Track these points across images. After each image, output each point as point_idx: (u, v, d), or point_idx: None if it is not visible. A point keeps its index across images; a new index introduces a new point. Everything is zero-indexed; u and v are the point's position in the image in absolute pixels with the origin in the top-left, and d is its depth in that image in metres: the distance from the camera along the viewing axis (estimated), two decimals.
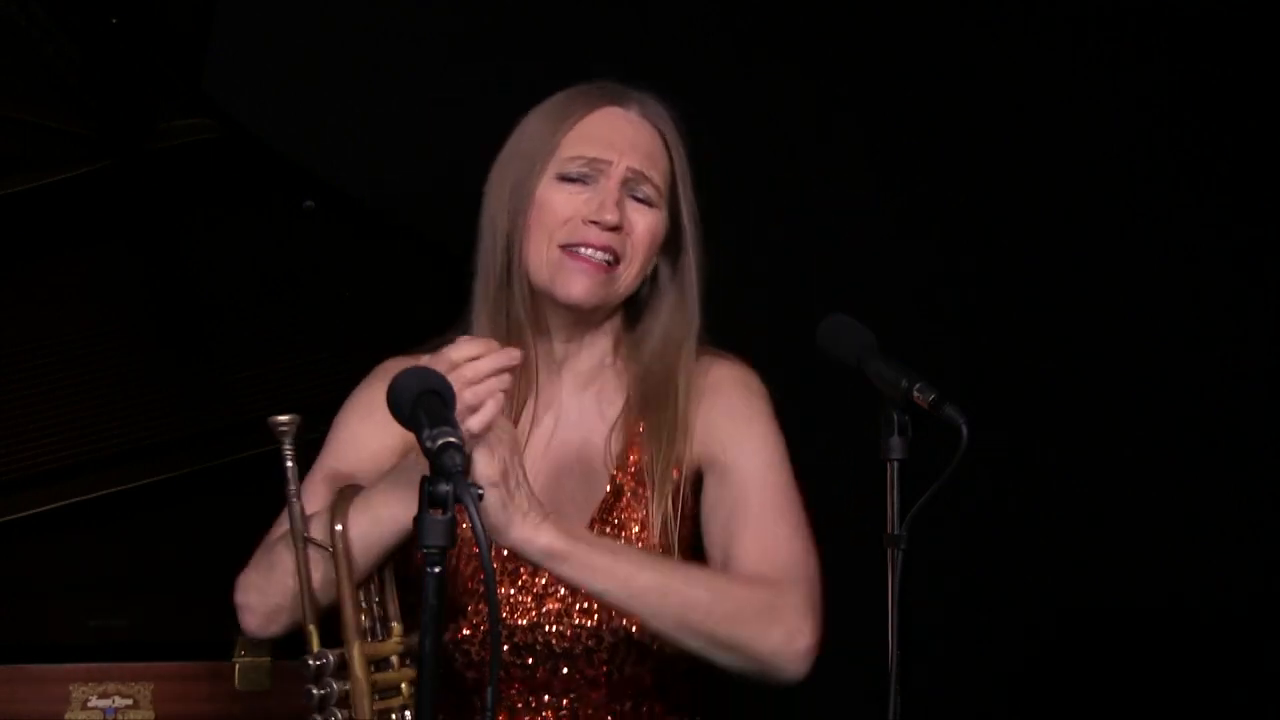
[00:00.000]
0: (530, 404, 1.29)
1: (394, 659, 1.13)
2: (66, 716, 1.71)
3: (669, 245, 1.30)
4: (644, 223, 1.26)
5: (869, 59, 4.04)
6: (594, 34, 3.67)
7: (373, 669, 1.11)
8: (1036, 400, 3.71)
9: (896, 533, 1.13)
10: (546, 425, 1.29)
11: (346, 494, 1.15)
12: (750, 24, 3.86)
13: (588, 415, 1.29)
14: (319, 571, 1.14)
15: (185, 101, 2.49)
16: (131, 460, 2.37)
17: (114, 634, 2.02)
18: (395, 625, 1.15)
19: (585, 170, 1.27)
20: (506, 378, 1.09)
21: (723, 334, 1.51)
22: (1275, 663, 2.69)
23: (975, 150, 3.92)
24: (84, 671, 1.74)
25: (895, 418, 1.16)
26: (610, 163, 1.26)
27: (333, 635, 1.13)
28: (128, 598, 2.20)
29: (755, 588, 1.19)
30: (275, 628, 1.24)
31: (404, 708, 1.10)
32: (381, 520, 1.11)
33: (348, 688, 1.10)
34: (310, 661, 1.10)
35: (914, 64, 4.11)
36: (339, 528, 1.13)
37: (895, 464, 1.16)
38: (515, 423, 1.22)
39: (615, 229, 1.24)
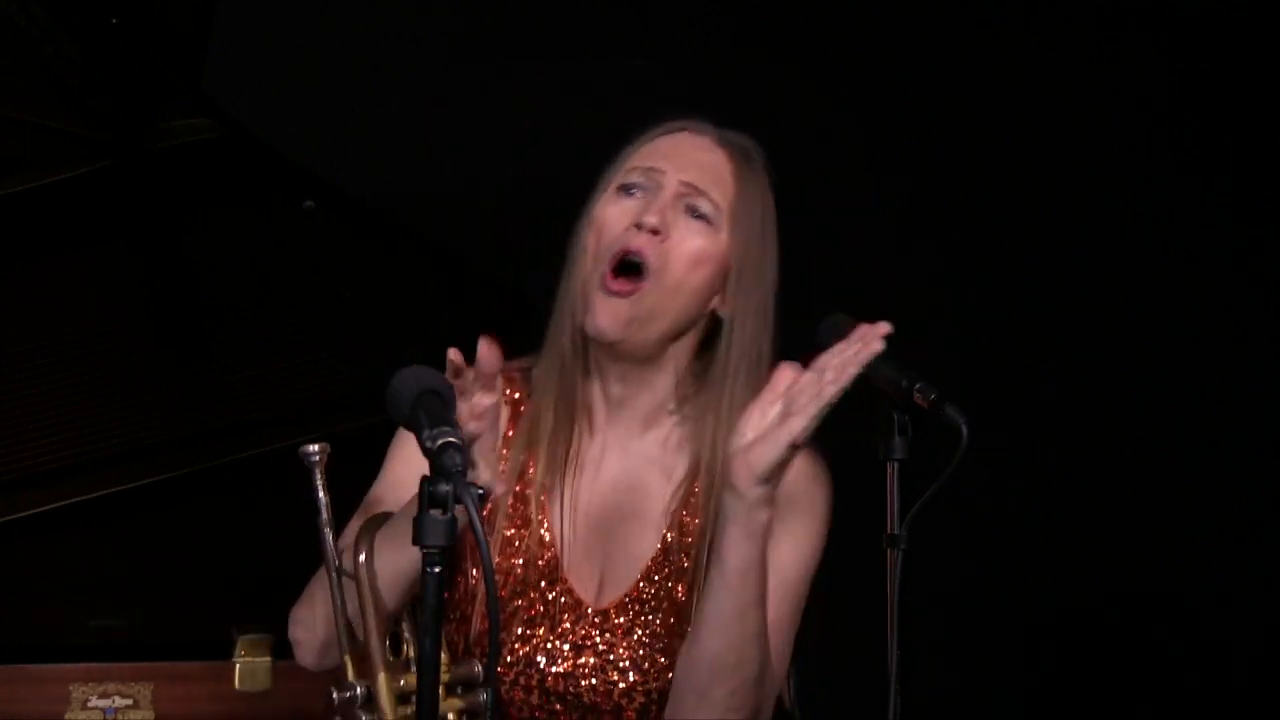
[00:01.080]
0: (586, 446, 1.25)
1: (441, 689, 1.11)
2: (66, 716, 1.71)
3: (733, 283, 1.23)
4: (694, 240, 1.20)
5: (870, 59, 4.04)
6: (593, 34, 3.67)
7: (412, 699, 1.08)
8: (1036, 400, 3.71)
9: (896, 533, 1.13)
10: (604, 469, 1.25)
11: (375, 522, 1.13)
12: (750, 23, 3.86)
13: (648, 462, 1.24)
14: (353, 604, 1.11)
15: (185, 101, 2.49)
16: (131, 460, 2.37)
17: (114, 634, 2.02)
18: (443, 656, 1.12)
19: (640, 180, 1.21)
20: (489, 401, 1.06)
21: None
22: (1276, 662, 2.69)
23: (975, 151, 3.92)
24: (84, 671, 1.74)
25: (895, 418, 1.16)
26: (664, 172, 1.21)
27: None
28: (128, 598, 2.20)
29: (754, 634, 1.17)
30: (330, 660, 1.19)
31: None
32: (408, 551, 1.08)
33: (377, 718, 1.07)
34: (335, 694, 1.08)
35: (914, 64, 4.11)
36: (362, 558, 1.11)
37: (895, 464, 1.15)
38: (566, 463, 1.19)
39: (655, 233, 1.19)
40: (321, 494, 1.10)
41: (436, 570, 0.95)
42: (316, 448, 1.06)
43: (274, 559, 2.51)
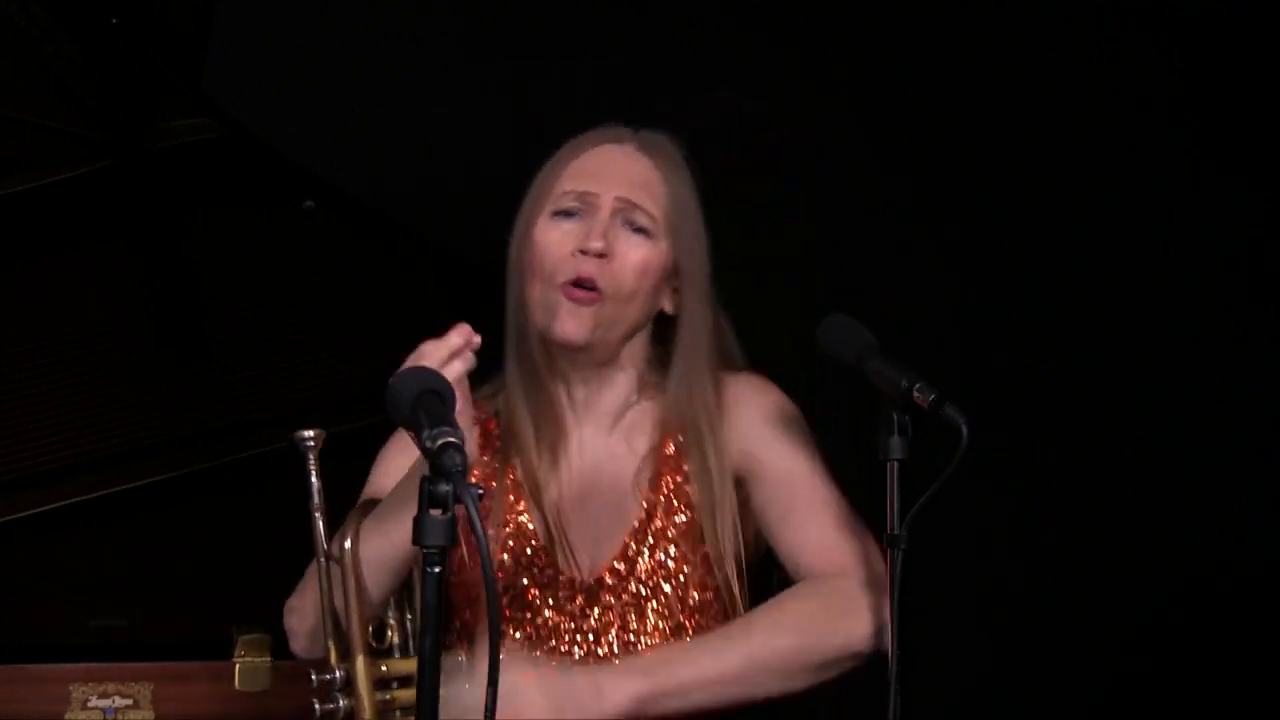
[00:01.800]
0: (561, 445, 1.29)
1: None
2: (66, 716, 1.71)
3: (676, 281, 1.30)
4: (637, 253, 1.27)
5: (871, 58, 4.04)
6: (594, 33, 3.67)
7: (395, 685, 1.09)
8: (1036, 400, 3.71)
9: (896, 533, 1.13)
10: (576, 465, 1.29)
11: (362, 510, 1.15)
12: (750, 22, 3.86)
13: (617, 453, 1.29)
14: (341, 588, 1.13)
15: (185, 101, 2.49)
16: (131, 460, 2.38)
17: (114, 634, 2.02)
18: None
19: (576, 204, 1.28)
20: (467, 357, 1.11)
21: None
22: (1276, 662, 2.69)
23: (975, 151, 3.92)
24: (84, 671, 1.74)
25: (895, 418, 1.16)
26: (598, 194, 1.26)
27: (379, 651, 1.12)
28: (128, 598, 2.21)
29: (813, 598, 1.19)
30: (320, 649, 1.22)
31: None
32: (394, 540, 1.10)
33: (352, 703, 1.08)
34: (314, 675, 1.09)
35: (915, 64, 4.11)
36: (347, 543, 1.12)
37: (895, 464, 1.16)
38: (542, 461, 1.23)
39: (601, 255, 1.24)
40: (314, 479, 1.11)
41: (436, 570, 0.95)
42: (311, 433, 1.07)
43: (274, 559, 2.51)
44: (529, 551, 1.19)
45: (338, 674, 1.08)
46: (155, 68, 2.40)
